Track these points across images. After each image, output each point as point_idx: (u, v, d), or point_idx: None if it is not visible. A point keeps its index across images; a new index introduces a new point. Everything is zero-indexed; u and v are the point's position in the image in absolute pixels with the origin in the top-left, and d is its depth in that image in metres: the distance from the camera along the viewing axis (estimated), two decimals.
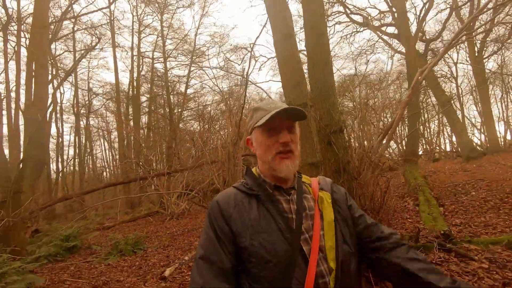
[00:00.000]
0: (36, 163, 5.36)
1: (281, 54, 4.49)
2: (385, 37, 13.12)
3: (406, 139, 11.85)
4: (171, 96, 19.12)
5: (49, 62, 8.72)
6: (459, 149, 12.84)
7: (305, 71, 4.59)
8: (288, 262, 0.84)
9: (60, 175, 17.60)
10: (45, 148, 6.52)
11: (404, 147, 11.23)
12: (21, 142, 7.47)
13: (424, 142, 18.45)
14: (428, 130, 20.10)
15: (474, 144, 13.12)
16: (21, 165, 5.22)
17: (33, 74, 6.09)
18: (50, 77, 9.28)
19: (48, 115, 5.46)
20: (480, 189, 5.29)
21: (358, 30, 13.37)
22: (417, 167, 8.27)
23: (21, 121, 8.49)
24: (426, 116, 18.19)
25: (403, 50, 11.72)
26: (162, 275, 3.92)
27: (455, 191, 5.50)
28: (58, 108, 18.62)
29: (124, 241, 5.92)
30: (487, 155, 10.91)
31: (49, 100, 6.73)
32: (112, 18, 16.53)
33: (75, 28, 15.76)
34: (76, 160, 19.83)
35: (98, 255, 5.77)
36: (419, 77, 4.44)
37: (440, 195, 5.34)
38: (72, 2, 11.60)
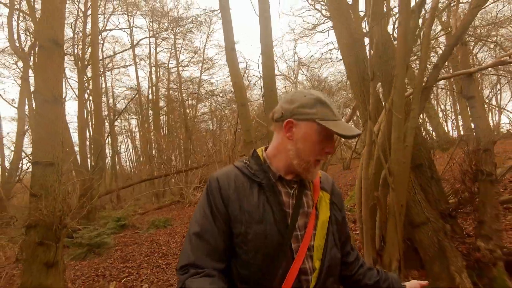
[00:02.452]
0: (99, 170, 8.22)
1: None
2: None
3: None
4: (184, 96, 21.91)
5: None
6: None
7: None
8: (277, 254, 0.85)
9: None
10: (104, 159, 9.41)
11: None
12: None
13: None
14: None
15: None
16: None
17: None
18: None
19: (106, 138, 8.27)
20: None
21: None
22: None
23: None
24: None
25: None
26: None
27: None
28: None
29: (157, 220, 8.74)
30: None
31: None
32: (133, 41, 19.29)
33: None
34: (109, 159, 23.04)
35: (141, 229, 8.61)
36: None
37: None
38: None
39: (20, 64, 14.97)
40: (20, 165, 6.14)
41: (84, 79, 12.13)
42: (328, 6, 3.51)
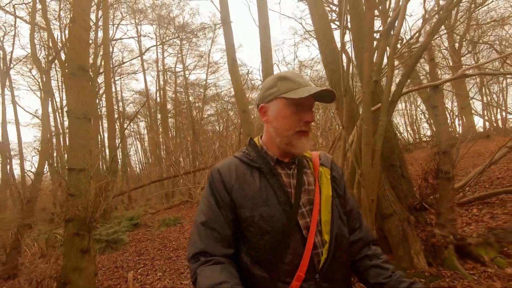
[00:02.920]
0: (113, 172, 8.87)
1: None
2: None
3: None
4: (191, 99, 22.58)
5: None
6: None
7: None
8: (285, 234, 0.87)
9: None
10: (117, 162, 10.08)
11: None
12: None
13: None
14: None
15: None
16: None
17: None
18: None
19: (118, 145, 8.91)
20: None
21: None
22: None
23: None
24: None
25: None
26: None
27: None
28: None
29: (167, 219, 9.33)
30: None
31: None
32: (141, 49, 20.00)
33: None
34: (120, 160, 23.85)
35: (152, 227, 9.22)
36: None
37: None
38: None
39: (34, 71, 15.89)
40: (46, 171, 6.84)
41: (96, 87, 12.83)
42: (314, 26, 4.00)
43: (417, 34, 3.94)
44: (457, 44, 13.38)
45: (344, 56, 3.33)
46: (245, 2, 29.44)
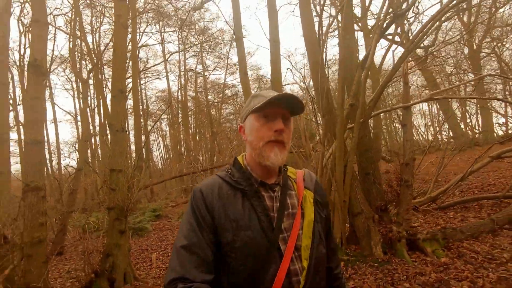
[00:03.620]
0: (139, 169, 10.05)
1: None
2: None
3: None
4: (209, 98, 23.70)
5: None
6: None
7: None
8: (266, 258, 0.86)
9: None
10: (142, 160, 11.26)
11: None
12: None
13: None
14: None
15: None
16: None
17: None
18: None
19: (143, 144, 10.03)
20: None
21: None
22: None
23: None
24: None
25: None
26: None
27: None
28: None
29: None
30: None
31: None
32: (164, 55, 21.32)
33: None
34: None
35: (172, 219, 10.30)
36: None
37: None
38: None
39: (67, 71, 17.45)
40: (83, 167, 8.00)
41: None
42: (305, 45, 4.73)
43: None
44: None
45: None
46: (257, 18, 30.38)
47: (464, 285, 2.62)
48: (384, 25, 3.71)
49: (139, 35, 18.32)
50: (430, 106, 21.69)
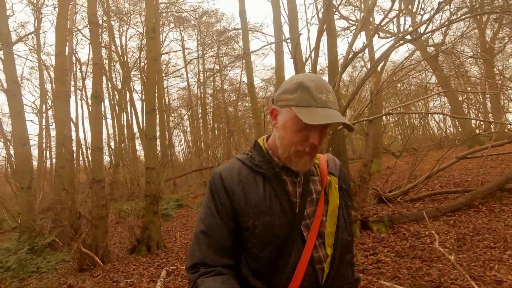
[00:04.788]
0: (163, 164, 11.71)
1: None
2: None
3: None
4: (226, 95, 25.18)
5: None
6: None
7: None
8: (287, 245, 0.84)
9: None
10: (167, 156, 12.91)
11: None
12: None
13: None
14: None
15: None
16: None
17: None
18: None
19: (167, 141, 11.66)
20: None
21: None
22: None
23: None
24: None
25: None
26: None
27: None
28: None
29: None
30: None
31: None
32: (185, 59, 23.02)
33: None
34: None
35: (193, 208, 11.88)
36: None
37: None
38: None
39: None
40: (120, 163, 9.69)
41: None
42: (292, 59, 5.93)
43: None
44: None
45: None
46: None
47: (386, 250, 3.84)
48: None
49: (162, 41, 20.00)
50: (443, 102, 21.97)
